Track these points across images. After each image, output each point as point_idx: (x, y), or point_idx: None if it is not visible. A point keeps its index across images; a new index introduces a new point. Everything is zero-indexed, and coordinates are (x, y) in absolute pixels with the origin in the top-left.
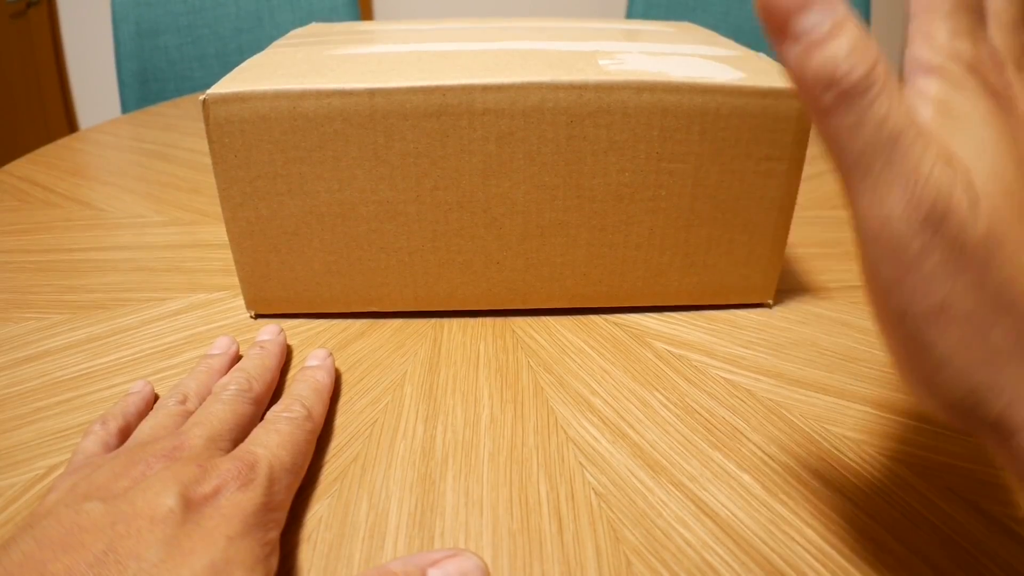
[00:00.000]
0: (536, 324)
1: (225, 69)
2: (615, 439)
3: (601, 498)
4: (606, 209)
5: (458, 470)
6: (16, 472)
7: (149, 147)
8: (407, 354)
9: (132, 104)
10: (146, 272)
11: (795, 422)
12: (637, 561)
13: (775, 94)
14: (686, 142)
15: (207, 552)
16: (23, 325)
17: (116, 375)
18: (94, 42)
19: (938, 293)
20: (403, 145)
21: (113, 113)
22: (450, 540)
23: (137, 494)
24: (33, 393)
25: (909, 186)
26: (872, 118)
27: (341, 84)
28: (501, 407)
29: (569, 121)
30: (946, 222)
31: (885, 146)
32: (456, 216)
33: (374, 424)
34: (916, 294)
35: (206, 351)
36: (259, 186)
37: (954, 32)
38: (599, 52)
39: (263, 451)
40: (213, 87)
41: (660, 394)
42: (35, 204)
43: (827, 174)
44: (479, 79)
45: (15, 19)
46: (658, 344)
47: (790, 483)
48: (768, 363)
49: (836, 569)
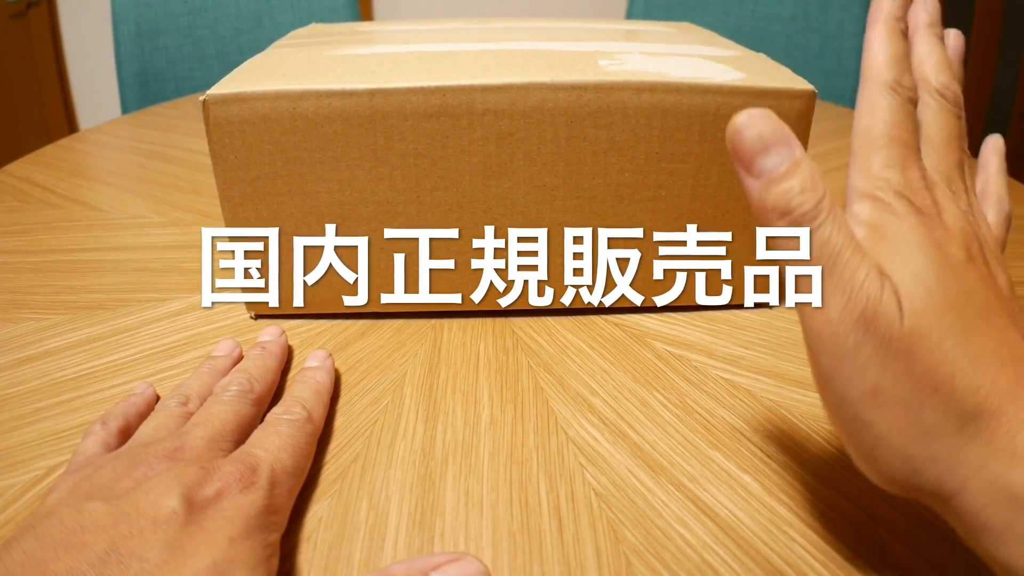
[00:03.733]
0: (536, 324)
1: (225, 69)
2: (615, 439)
3: (601, 498)
4: (606, 209)
5: (458, 470)
6: (16, 472)
7: (149, 147)
8: (407, 354)
9: (132, 104)
10: (146, 272)
11: (795, 422)
12: (637, 561)
13: (775, 94)
14: (686, 142)
15: (209, 553)
16: (23, 325)
17: (116, 376)
18: (94, 42)
19: (871, 379)
20: (403, 145)
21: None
22: (450, 540)
23: (139, 495)
24: (33, 393)
25: (846, 293)
26: (816, 241)
27: (341, 85)
28: (501, 407)
29: (569, 121)
30: (875, 322)
31: (826, 263)
32: (456, 216)
33: (374, 424)
34: (853, 381)
35: (209, 353)
36: (259, 186)
37: (885, 164)
38: (599, 52)
39: (264, 454)
40: (213, 87)
41: (660, 394)
42: (35, 204)
43: (827, 174)
44: (479, 79)
45: (15, 19)
46: (658, 344)
47: (790, 483)
48: (768, 363)
49: (836, 569)
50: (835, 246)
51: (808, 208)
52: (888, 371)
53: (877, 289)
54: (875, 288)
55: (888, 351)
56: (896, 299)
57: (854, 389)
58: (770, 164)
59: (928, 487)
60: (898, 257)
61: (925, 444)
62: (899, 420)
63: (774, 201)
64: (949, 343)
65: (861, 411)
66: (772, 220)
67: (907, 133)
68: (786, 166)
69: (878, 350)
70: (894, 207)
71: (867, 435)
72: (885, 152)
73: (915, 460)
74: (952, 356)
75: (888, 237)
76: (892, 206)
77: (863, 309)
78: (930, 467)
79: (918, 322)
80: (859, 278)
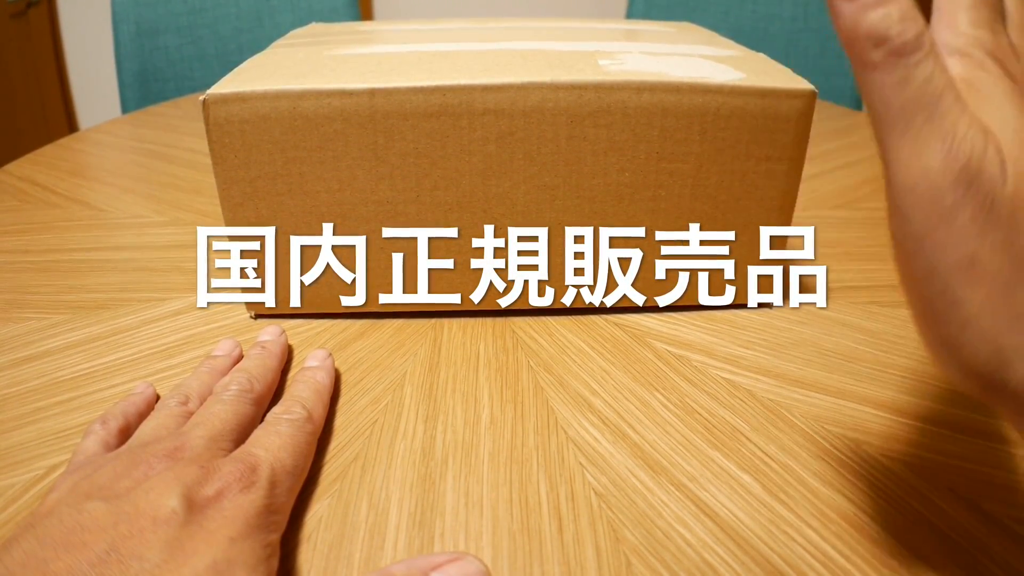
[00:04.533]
0: (536, 324)
1: (225, 69)
2: (615, 439)
3: (601, 498)
4: (606, 209)
5: (458, 470)
6: (16, 472)
7: (149, 147)
8: (407, 354)
9: (132, 104)
10: (146, 272)
11: (795, 422)
12: (637, 561)
13: (775, 94)
14: (686, 142)
15: (209, 552)
16: (23, 325)
17: (116, 375)
18: (94, 42)
19: (968, 247)
20: (403, 145)
21: (113, 113)
22: (450, 540)
23: (140, 494)
24: (33, 393)
25: (948, 142)
26: (918, 77)
27: (341, 84)
28: (501, 407)
29: (569, 121)
30: (979, 180)
31: (928, 103)
32: (456, 216)
33: (374, 424)
34: (947, 247)
35: (209, 353)
36: (259, 186)
37: (975, 22)
38: (599, 52)
39: (265, 453)
40: (213, 87)
41: (660, 394)
42: (35, 204)
43: (827, 174)
44: (479, 79)
45: (15, 19)
46: (658, 344)
47: (790, 483)
48: (768, 363)
49: (836, 569)
50: (937, 86)
51: (909, 38)
52: (987, 240)
53: (981, 142)
54: (979, 141)
55: (989, 216)
56: (1000, 158)
57: (948, 256)
58: None
59: (1012, 384)
60: (996, 117)
61: (1017, 333)
62: (994, 300)
63: (870, 26)
64: None
65: (952, 285)
66: (866, 49)
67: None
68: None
69: (978, 213)
70: (988, 66)
71: (955, 315)
72: (974, 11)
73: (1005, 351)
74: None
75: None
76: (986, 65)
77: (966, 162)
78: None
79: (1020, 190)
80: (962, 127)
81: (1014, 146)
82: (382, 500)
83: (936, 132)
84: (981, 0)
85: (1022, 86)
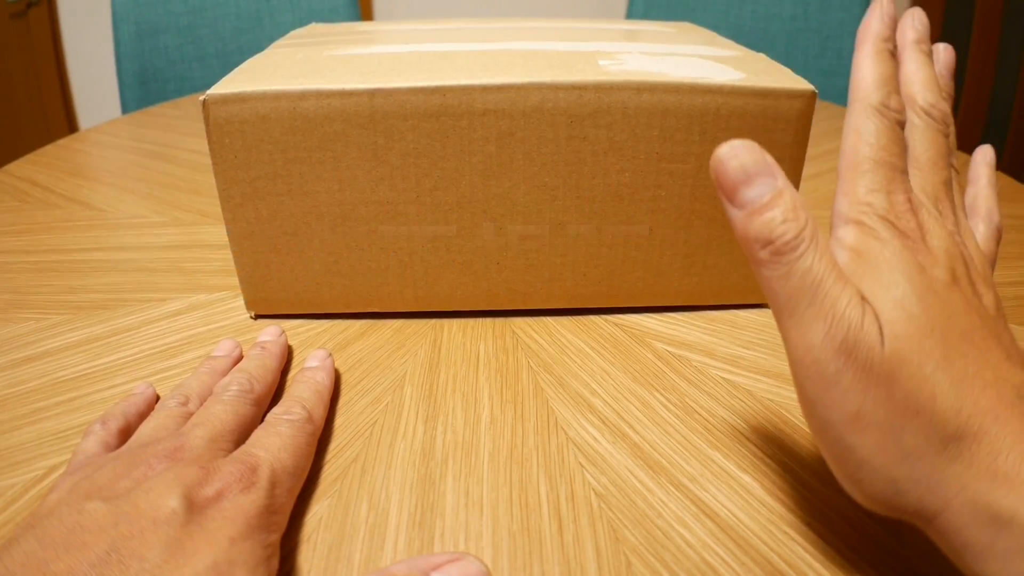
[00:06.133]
0: (536, 324)
1: (225, 69)
2: (615, 440)
3: (601, 498)
4: (606, 209)
5: (458, 470)
6: (16, 472)
7: (149, 147)
8: (407, 355)
9: (132, 104)
10: (146, 272)
11: (795, 422)
12: (637, 561)
13: (775, 94)
14: (686, 142)
15: (209, 553)
16: (23, 325)
17: (116, 376)
18: (94, 42)
19: (853, 404)
20: (403, 145)
21: (113, 113)
22: (450, 541)
23: (140, 495)
24: (33, 393)
25: (828, 321)
26: (799, 270)
27: (341, 84)
28: (501, 408)
29: (569, 121)
30: (857, 349)
31: (808, 291)
32: (456, 216)
33: (374, 424)
34: (835, 406)
35: (209, 353)
36: (259, 186)
37: (870, 188)
38: (599, 52)
39: (265, 454)
40: (213, 87)
41: (660, 395)
42: (35, 204)
43: (827, 174)
44: (479, 79)
45: (15, 19)
46: (658, 344)
47: (790, 483)
48: (768, 363)
49: (836, 569)
50: (816, 274)
51: (790, 237)
52: (869, 396)
53: (858, 316)
54: (856, 315)
55: (869, 377)
56: (877, 325)
57: (836, 413)
58: (753, 195)
59: (911, 507)
60: (880, 282)
61: (907, 466)
62: (881, 443)
63: (757, 231)
64: (930, 367)
65: (844, 435)
66: (755, 250)
67: (893, 156)
68: (768, 196)
69: (859, 376)
70: (878, 232)
71: (851, 458)
72: (870, 176)
73: (898, 481)
74: (933, 379)
75: (871, 262)
76: (876, 231)
77: (844, 336)
78: (913, 488)
79: (899, 347)
80: (840, 305)
81: (893, 309)
82: (382, 500)
83: (817, 314)
84: (878, 164)
85: (913, 241)
